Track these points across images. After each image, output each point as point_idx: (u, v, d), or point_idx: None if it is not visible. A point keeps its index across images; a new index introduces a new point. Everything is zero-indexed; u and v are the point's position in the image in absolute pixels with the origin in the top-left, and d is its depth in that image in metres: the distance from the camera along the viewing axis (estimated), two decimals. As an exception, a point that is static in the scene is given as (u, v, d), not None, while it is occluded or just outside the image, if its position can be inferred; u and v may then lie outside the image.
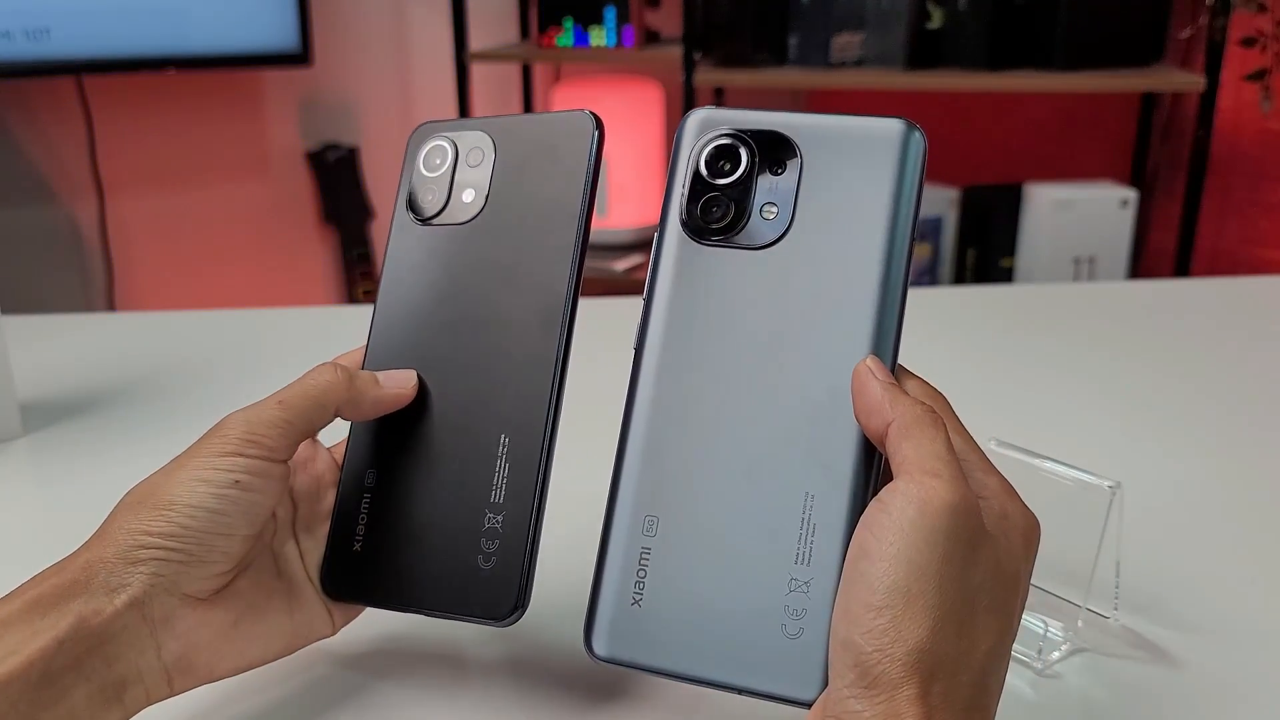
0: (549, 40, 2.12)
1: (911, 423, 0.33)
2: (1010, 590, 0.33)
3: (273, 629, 0.40)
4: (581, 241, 0.41)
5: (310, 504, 0.43)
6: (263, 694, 0.43)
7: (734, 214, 0.38)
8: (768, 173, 0.38)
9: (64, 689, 0.34)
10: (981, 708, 0.31)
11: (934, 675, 0.30)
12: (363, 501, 0.42)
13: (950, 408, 0.36)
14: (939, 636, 0.30)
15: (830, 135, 0.38)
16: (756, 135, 0.38)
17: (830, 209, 0.37)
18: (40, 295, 1.93)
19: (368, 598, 0.42)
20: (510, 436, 0.40)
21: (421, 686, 0.44)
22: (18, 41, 1.72)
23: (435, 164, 0.45)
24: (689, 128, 0.39)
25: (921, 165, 0.37)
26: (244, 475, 0.37)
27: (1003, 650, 0.32)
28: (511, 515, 0.39)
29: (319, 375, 0.41)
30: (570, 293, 0.41)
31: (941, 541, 0.31)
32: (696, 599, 0.35)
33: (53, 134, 1.93)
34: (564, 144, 0.42)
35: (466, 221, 0.43)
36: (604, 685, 0.44)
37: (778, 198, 0.38)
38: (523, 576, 0.39)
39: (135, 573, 0.36)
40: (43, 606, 0.34)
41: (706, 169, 0.39)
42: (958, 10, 1.89)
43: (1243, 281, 1.06)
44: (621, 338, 0.40)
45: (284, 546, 0.42)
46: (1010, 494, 0.35)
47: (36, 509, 0.61)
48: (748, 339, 0.37)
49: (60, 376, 0.77)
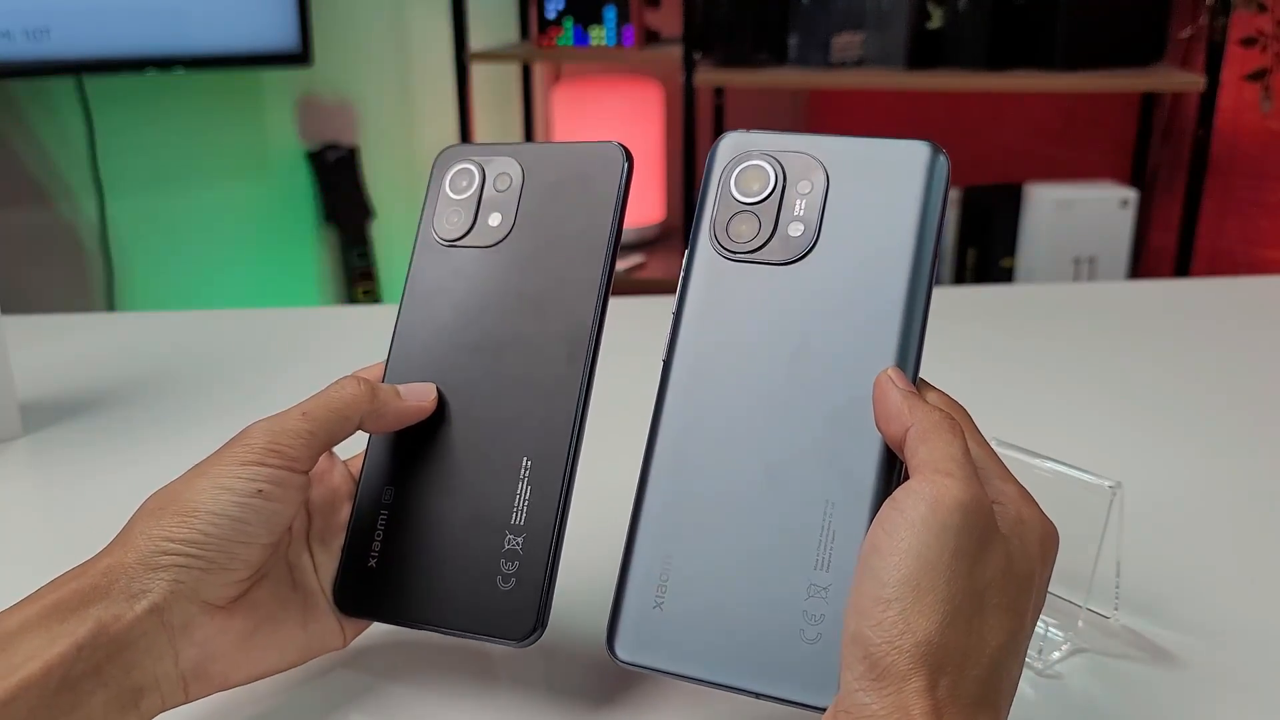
0: (549, 40, 2.12)
1: (929, 428, 0.34)
2: (1022, 591, 0.33)
3: (287, 639, 0.40)
4: (608, 271, 0.41)
5: (325, 516, 0.43)
6: (273, 697, 0.43)
7: (762, 231, 0.39)
8: (796, 193, 0.39)
9: (82, 695, 0.34)
10: (991, 705, 0.31)
11: (942, 668, 0.30)
12: (379, 518, 0.42)
13: (970, 419, 0.37)
14: (948, 630, 0.30)
15: (857, 157, 0.39)
16: (785, 157, 0.40)
17: (856, 227, 0.39)
18: (40, 295, 1.93)
19: (382, 614, 0.41)
20: (533, 460, 0.40)
21: (432, 688, 0.44)
22: (18, 41, 1.72)
23: (462, 186, 0.45)
24: (721, 150, 0.41)
25: (945, 187, 0.38)
26: (267, 485, 0.38)
27: (1014, 648, 0.33)
28: (532, 537, 0.39)
29: (343, 388, 0.41)
30: (596, 321, 0.41)
31: (952, 538, 0.31)
32: (717, 604, 0.36)
33: (53, 134, 1.93)
34: (593, 173, 0.43)
35: (492, 245, 0.44)
36: (617, 685, 0.44)
37: (804, 216, 0.39)
38: (542, 598, 0.39)
39: (156, 579, 0.36)
40: (62, 611, 0.34)
41: (737, 189, 0.40)
42: (958, 10, 1.89)
43: (1243, 281, 1.06)
44: (621, 337, 0.40)
45: (299, 558, 0.42)
46: (1028, 501, 0.35)
47: (36, 509, 0.61)
48: (772, 350, 0.38)
49: (60, 376, 0.77)
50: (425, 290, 0.44)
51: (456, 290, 0.44)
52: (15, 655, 0.33)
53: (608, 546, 0.38)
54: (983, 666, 0.31)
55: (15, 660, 0.33)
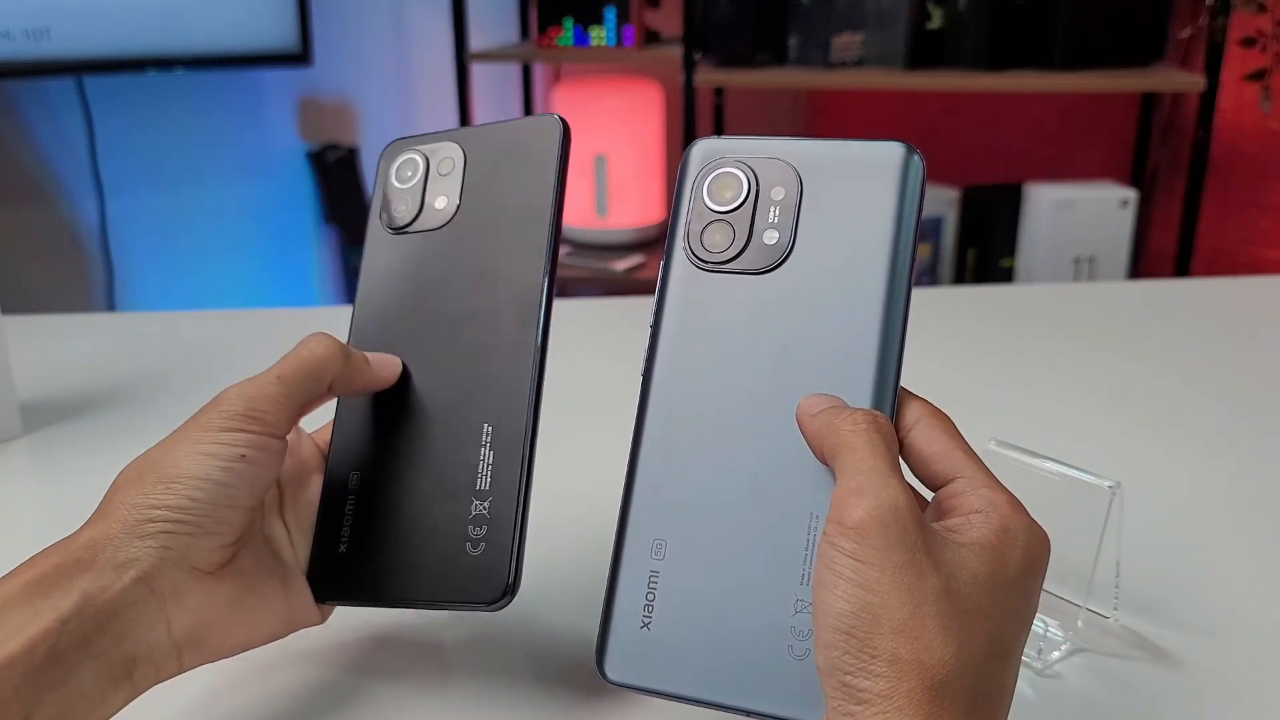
0: (549, 40, 2.12)
1: (837, 447, 0.34)
2: (999, 595, 0.32)
3: (273, 605, 0.40)
4: (553, 236, 0.42)
5: (295, 489, 0.43)
6: (244, 691, 0.43)
7: (736, 240, 0.39)
8: (769, 199, 0.39)
9: (70, 668, 0.33)
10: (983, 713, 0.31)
11: (923, 679, 0.30)
12: (347, 503, 0.42)
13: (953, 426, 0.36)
14: (915, 643, 0.30)
15: (831, 161, 0.39)
16: (757, 163, 0.39)
17: (832, 232, 0.38)
18: (40, 295, 1.93)
19: (357, 598, 0.42)
20: (494, 424, 0.41)
21: (411, 686, 0.44)
22: (18, 41, 1.72)
23: (407, 176, 0.46)
24: (692, 157, 0.40)
25: (921, 188, 0.38)
26: (249, 450, 0.38)
27: (1000, 651, 0.32)
28: (498, 500, 0.40)
29: (315, 346, 0.41)
30: (545, 283, 0.41)
31: (885, 553, 0.31)
32: (704, 621, 0.36)
33: (53, 134, 1.93)
34: (532, 146, 0.43)
35: (440, 227, 0.44)
36: (591, 684, 0.44)
37: (779, 223, 0.38)
38: (512, 559, 0.39)
39: (144, 546, 0.35)
40: (45, 586, 0.34)
41: (709, 197, 0.39)
42: (958, 10, 1.89)
43: (1243, 281, 1.06)
44: (622, 336, 0.40)
45: (274, 529, 0.42)
46: (1016, 508, 0.34)
47: (37, 509, 0.61)
48: (750, 361, 0.38)
49: (60, 376, 0.77)
50: (378, 278, 0.45)
51: (409, 274, 0.44)
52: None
53: (598, 554, 0.37)
54: (969, 673, 0.31)
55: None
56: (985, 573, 0.32)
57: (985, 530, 0.33)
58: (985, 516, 0.33)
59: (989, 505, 0.34)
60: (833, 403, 0.35)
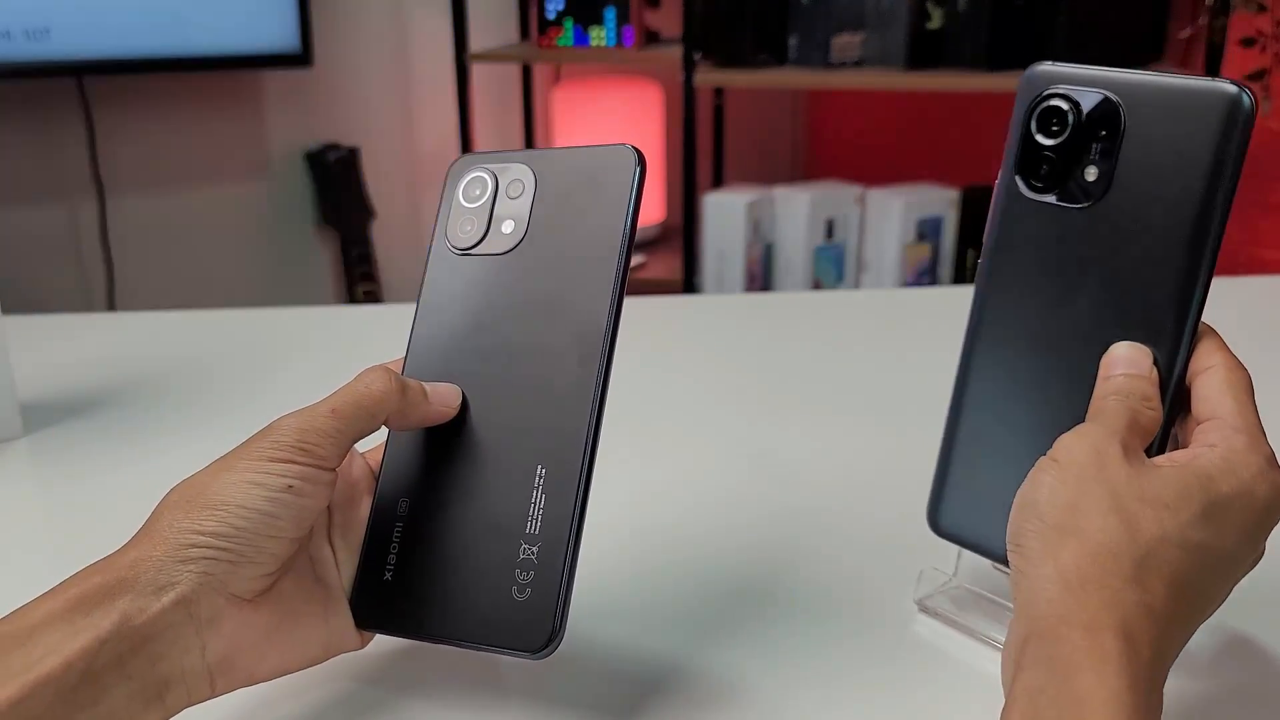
0: (549, 40, 2.12)
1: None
2: (1186, 500, 0.35)
3: (310, 633, 0.40)
4: (622, 275, 0.41)
5: (345, 511, 0.43)
6: (279, 708, 0.43)
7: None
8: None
9: (104, 688, 0.33)
10: (1156, 582, 0.35)
11: (1082, 546, 0.35)
12: (395, 530, 0.42)
13: (1240, 378, 0.40)
14: (1075, 518, 0.36)
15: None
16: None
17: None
18: (40, 295, 1.93)
19: (399, 628, 0.41)
20: (547, 468, 0.40)
21: (443, 702, 0.44)
22: (18, 41, 1.72)
23: (475, 195, 0.45)
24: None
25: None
26: (297, 481, 0.37)
27: (1189, 549, 0.35)
28: (547, 547, 0.39)
29: (373, 383, 0.40)
30: (610, 326, 0.41)
31: (1080, 466, 0.37)
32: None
33: (53, 134, 1.93)
34: (606, 177, 0.42)
35: (506, 252, 0.43)
36: (633, 700, 0.44)
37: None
38: (557, 608, 0.38)
39: (185, 571, 0.35)
40: (86, 605, 0.34)
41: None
42: (958, 10, 1.89)
43: (1243, 281, 1.06)
44: (621, 334, 0.40)
45: (320, 551, 0.41)
46: (1255, 451, 0.37)
47: (37, 509, 0.61)
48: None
49: (60, 376, 0.77)
50: (440, 299, 0.44)
51: (471, 298, 0.43)
52: (36, 649, 0.33)
53: (619, 555, 0.37)
54: (1137, 548, 0.34)
55: (35, 654, 0.33)
56: (1182, 486, 0.35)
57: (1206, 460, 0.36)
58: (1213, 450, 0.36)
59: (1224, 441, 0.36)
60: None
